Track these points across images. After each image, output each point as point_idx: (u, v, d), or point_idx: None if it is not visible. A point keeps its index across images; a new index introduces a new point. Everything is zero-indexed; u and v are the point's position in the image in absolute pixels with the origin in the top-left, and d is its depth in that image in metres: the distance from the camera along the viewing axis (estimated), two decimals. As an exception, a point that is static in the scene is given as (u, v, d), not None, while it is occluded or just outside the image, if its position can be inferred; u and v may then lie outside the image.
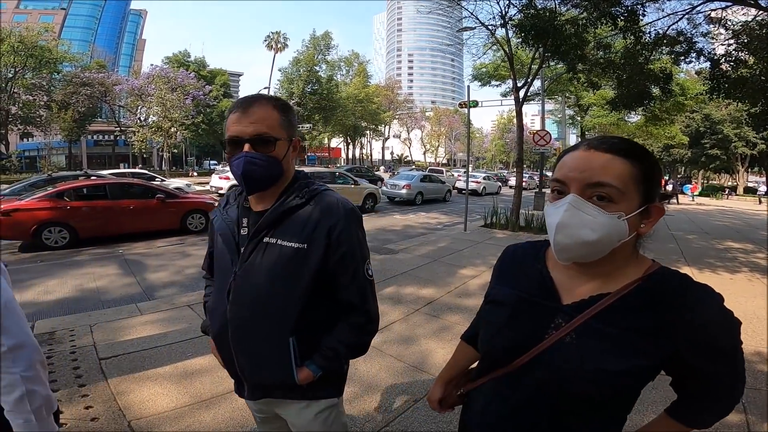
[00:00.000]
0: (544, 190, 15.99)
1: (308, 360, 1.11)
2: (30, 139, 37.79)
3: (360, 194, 12.76)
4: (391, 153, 67.69)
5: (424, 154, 68.11)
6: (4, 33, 26.10)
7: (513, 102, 10.88)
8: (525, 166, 10.48)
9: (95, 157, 44.05)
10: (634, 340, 0.71)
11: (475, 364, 1.04)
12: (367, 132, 54.52)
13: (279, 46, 44.14)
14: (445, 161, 72.49)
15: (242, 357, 1.12)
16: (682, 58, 10.09)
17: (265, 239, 1.07)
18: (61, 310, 4.12)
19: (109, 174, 13.64)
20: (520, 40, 9.84)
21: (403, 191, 15.59)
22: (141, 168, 28.83)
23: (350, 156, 56.43)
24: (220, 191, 15.10)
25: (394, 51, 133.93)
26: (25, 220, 6.73)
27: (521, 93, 10.41)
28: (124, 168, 26.54)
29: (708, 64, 9.71)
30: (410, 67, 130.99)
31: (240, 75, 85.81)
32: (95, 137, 43.47)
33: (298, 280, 1.05)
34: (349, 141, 52.60)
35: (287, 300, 1.06)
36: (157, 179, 15.04)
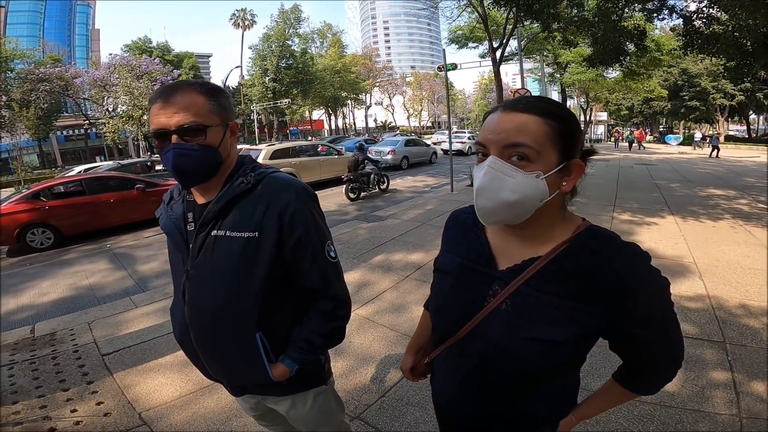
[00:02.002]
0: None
1: (282, 355, 1.06)
2: (-3, 142, 36.11)
3: (344, 164, 12.71)
4: (375, 120, 66.68)
5: (408, 118, 67.28)
6: None
7: (490, 63, 10.82)
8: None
9: (68, 152, 42.45)
10: (566, 307, 0.70)
11: None
12: (349, 102, 53.41)
13: (246, 23, 42.32)
14: (429, 124, 71.90)
15: (210, 359, 1.08)
16: (655, 15, 10.11)
17: (213, 232, 1.00)
18: (59, 310, 4.15)
19: (83, 169, 13.54)
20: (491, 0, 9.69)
21: (389, 157, 15.60)
22: (130, 158, 27.85)
23: (333, 127, 55.49)
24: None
25: (368, 19, 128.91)
26: (5, 225, 6.61)
27: (498, 54, 10.32)
28: (101, 160, 25.68)
29: (681, 21, 9.71)
30: (386, 35, 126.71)
31: (209, 56, 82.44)
32: (65, 132, 41.74)
33: (254, 272, 0.99)
34: (331, 112, 51.59)
35: (246, 295, 1.00)
36: (157, 165, 14.41)
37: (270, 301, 1.02)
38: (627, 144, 27.37)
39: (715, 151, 19.84)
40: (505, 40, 10.52)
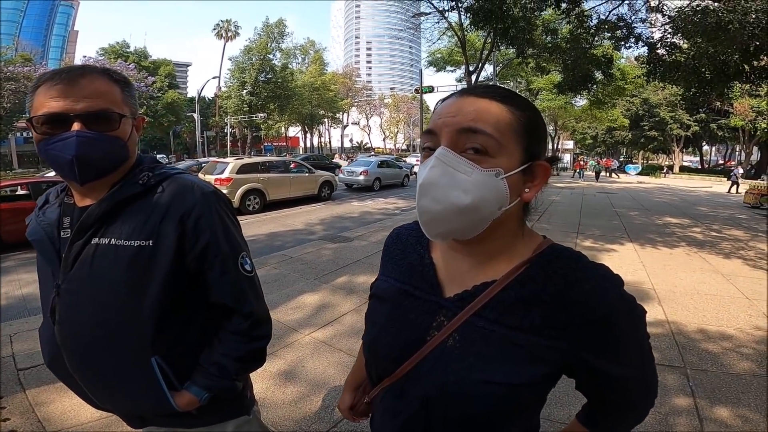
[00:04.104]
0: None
1: (188, 382, 0.91)
2: (-51, 139, 33.99)
3: (316, 182, 12.53)
4: (351, 140, 67.19)
5: (384, 140, 68.14)
6: None
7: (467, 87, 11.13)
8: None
9: (28, 155, 40.32)
10: (527, 341, 0.58)
11: None
12: (325, 120, 53.62)
13: (230, 34, 42.31)
14: (404, 147, 72.99)
15: (91, 386, 0.91)
16: (623, 43, 10.58)
17: (94, 240, 0.84)
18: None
19: None
20: (470, 22, 10.01)
21: (361, 177, 15.47)
22: None
23: (308, 145, 55.38)
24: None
25: (352, 39, 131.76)
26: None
27: (473, 77, 10.58)
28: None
29: (645, 49, 10.29)
30: (368, 55, 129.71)
31: (188, 65, 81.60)
32: (25, 134, 39.75)
33: (146, 287, 0.84)
34: (307, 129, 51.54)
35: (135, 313, 0.84)
36: None
37: (170, 319, 0.87)
38: (593, 174, 25.99)
39: (734, 186, 18.85)
40: (481, 64, 10.81)
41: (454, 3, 9.94)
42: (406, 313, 0.68)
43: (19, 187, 7.71)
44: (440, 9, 10.74)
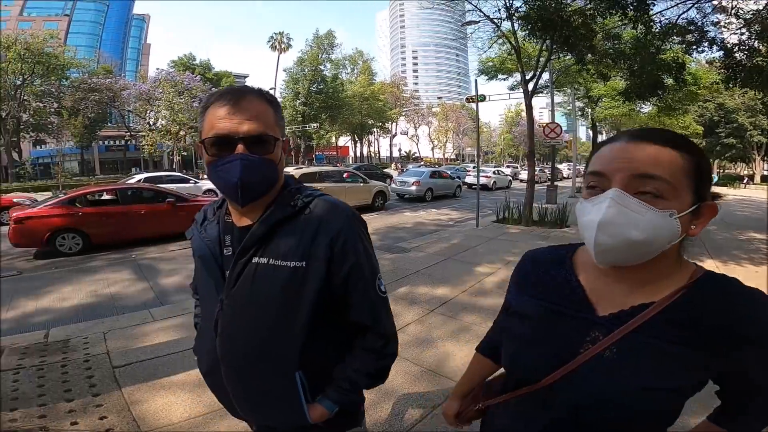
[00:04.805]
0: (556, 183, 15.80)
1: (321, 395, 0.96)
2: (43, 146, 38.54)
3: (369, 192, 12.73)
4: (399, 150, 67.44)
5: (432, 150, 67.73)
6: (9, 40, 26.48)
7: (521, 95, 10.74)
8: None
9: (108, 162, 44.71)
10: (683, 354, 0.64)
11: (494, 375, 1.00)
12: (374, 129, 54.38)
13: (283, 46, 44.30)
14: (453, 156, 72.13)
15: (240, 397, 0.97)
16: (694, 47, 9.93)
17: (254, 259, 0.90)
18: (77, 316, 4.13)
19: (144, 177, 15.21)
20: (527, 32, 9.70)
21: (413, 188, 15.48)
22: (165, 171, 29.21)
23: (358, 154, 56.39)
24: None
25: (398, 48, 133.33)
26: (38, 228, 6.81)
27: (530, 86, 10.23)
28: (136, 172, 26.91)
29: (720, 53, 9.54)
30: (415, 64, 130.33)
31: (246, 76, 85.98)
32: (106, 143, 44.10)
33: (299, 306, 0.89)
34: (357, 139, 52.56)
35: (288, 330, 0.90)
36: (190, 181, 16.17)
37: (313, 336, 0.92)
38: None
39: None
40: (538, 72, 10.43)
41: (507, 13, 9.68)
42: (553, 328, 0.75)
43: (105, 192, 8.53)
44: (492, 18, 10.46)
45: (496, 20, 10.45)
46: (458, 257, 6.21)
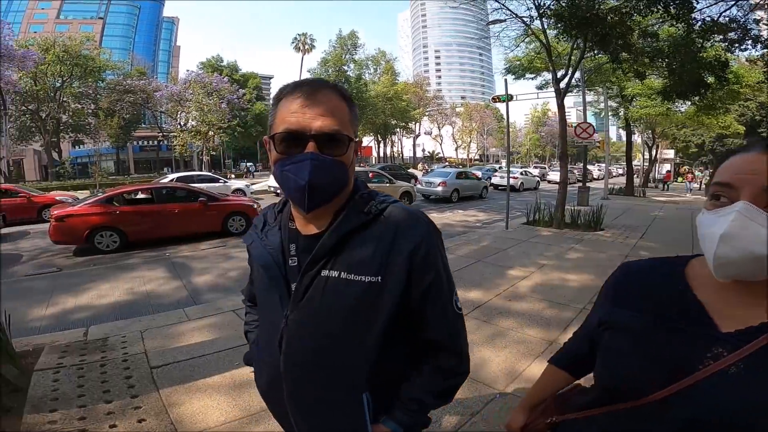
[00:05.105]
0: (588, 185, 15.32)
1: (386, 416, 0.89)
2: (81, 146, 40.39)
3: (395, 192, 12.68)
4: (423, 150, 67.05)
5: (456, 150, 66.98)
6: (47, 43, 27.75)
7: (548, 94, 10.47)
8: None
9: (141, 162, 46.48)
10: None
11: (566, 388, 0.96)
12: (398, 130, 54.29)
13: (306, 47, 44.84)
14: (477, 157, 71.15)
15: (302, 417, 0.90)
16: (737, 45, 9.59)
17: (324, 272, 0.82)
18: (115, 314, 4.24)
19: (177, 177, 15.76)
20: (559, 31, 9.42)
21: (439, 189, 15.31)
22: (193, 171, 30.15)
23: (381, 154, 56.45)
24: (278, 191, 15.64)
25: (420, 48, 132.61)
26: (78, 225, 7.08)
27: (561, 84, 9.91)
28: (168, 172, 27.87)
29: (764, 51, 9.04)
30: (437, 63, 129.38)
31: (271, 78, 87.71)
32: (140, 143, 45.83)
33: (372, 323, 0.82)
34: (380, 139, 52.61)
35: (360, 349, 0.83)
36: (220, 180, 16.63)
37: (386, 354, 0.85)
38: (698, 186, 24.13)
39: None
40: (571, 71, 10.09)
41: (537, 11, 9.40)
42: (665, 342, 0.72)
43: (140, 191, 8.82)
44: (521, 16, 10.18)
45: (525, 18, 10.19)
46: (489, 260, 6.07)
